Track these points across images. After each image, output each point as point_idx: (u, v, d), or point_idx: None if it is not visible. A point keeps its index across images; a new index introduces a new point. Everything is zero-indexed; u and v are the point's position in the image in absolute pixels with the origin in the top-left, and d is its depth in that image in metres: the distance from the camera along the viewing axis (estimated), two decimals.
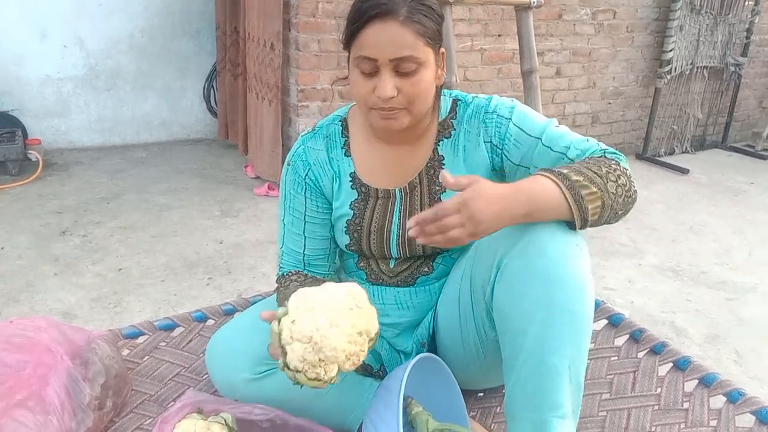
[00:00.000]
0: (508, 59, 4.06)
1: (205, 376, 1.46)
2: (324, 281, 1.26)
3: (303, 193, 1.30)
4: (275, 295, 1.38)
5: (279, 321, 1.00)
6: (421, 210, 1.24)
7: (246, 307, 1.63)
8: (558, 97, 4.37)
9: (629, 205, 1.10)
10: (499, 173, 1.24)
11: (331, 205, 1.31)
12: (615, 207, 1.07)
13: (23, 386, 1.19)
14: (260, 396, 1.24)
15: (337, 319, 0.97)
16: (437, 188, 1.25)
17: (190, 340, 1.58)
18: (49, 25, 4.07)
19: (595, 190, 1.03)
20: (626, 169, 1.11)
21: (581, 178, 1.03)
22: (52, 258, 2.78)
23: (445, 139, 1.25)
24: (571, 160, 1.14)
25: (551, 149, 1.17)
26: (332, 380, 0.99)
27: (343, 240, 1.30)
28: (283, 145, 3.62)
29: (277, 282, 1.36)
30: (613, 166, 1.09)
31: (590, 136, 1.23)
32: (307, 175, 1.29)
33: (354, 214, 1.28)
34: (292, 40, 3.46)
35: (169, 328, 1.60)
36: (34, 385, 1.19)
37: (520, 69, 2.67)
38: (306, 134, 1.32)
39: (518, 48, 2.68)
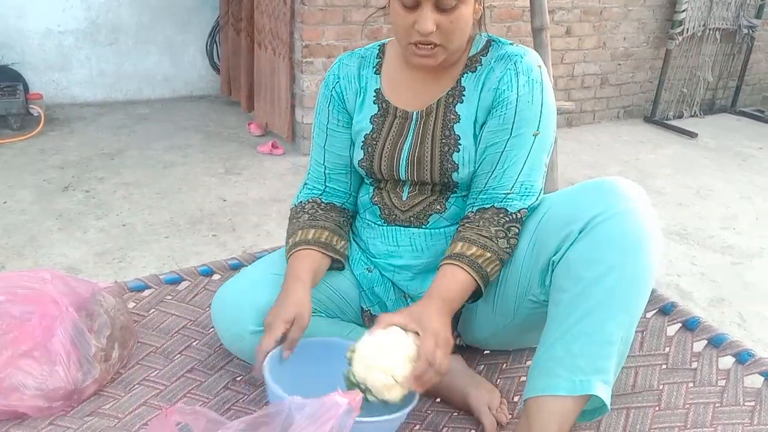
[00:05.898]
0: (518, 17, 3.97)
1: (210, 330, 1.46)
2: (332, 216, 1.35)
3: (328, 106, 1.36)
4: (281, 249, 1.37)
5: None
6: (433, 136, 1.27)
7: (252, 262, 1.62)
8: (567, 57, 4.30)
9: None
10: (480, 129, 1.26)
11: (351, 120, 1.35)
12: (513, 252, 1.21)
13: (28, 337, 1.18)
14: None
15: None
16: (451, 117, 1.26)
17: (196, 294, 1.57)
18: None
19: (489, 255, 1.18)
20: (514, 213, 1.21)
21: (475, 250, 1.18)
22: (55, 213, 2.77)
23: (470, 72, 1.26)
24: (478, 195, 1.25)
25: (489, 169, 1.23)
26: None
27: (358, 155, 1.34)
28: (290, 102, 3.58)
29: (291, 210, 1.40)
30: (502, 220, 1.20)
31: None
32: (334, 88, 1.35)
33: (372, 128, 1.32)
34: None
35: (175, 281, 1.59)
36: (39, 336, 1.19)
37: (529, 27, 2.62)
38: (344, 54, 1.39)
39: (528, 5, 2.62)
